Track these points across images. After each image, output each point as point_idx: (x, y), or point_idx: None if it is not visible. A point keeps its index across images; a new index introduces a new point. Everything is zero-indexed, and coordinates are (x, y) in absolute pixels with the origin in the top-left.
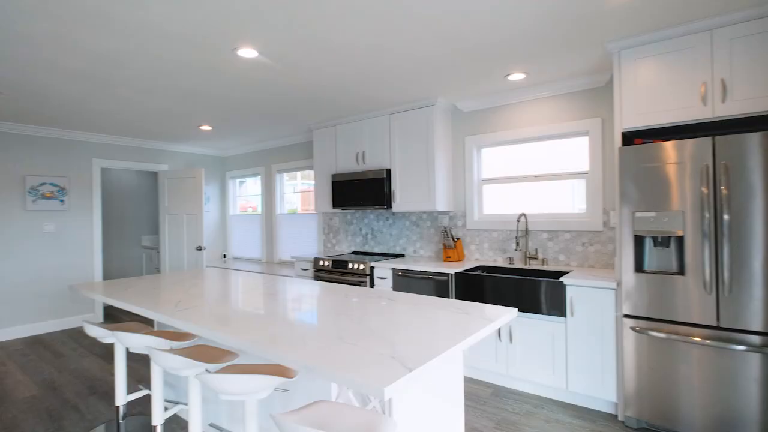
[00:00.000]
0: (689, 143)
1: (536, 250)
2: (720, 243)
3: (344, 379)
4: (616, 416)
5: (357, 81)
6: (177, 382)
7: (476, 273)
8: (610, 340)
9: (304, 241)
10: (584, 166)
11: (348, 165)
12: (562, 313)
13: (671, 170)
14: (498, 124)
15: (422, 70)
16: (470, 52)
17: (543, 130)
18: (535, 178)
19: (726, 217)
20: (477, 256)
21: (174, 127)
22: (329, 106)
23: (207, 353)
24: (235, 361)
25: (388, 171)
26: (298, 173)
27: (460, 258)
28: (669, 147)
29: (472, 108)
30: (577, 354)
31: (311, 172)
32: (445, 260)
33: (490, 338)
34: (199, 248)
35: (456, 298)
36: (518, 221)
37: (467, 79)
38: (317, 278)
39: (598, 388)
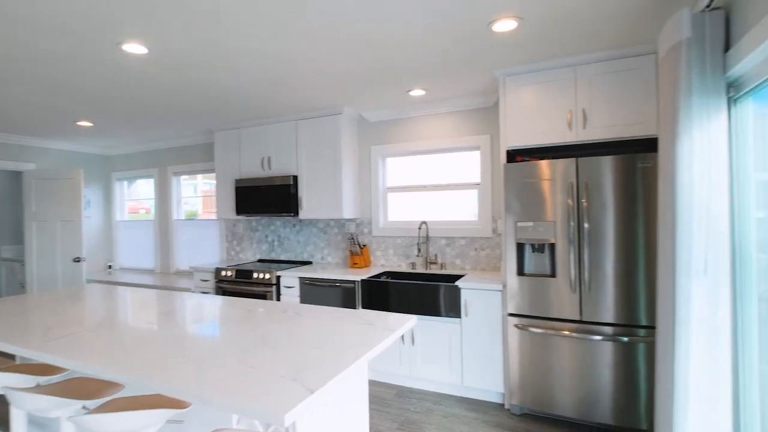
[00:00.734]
0: (559, 163)
1: (436, 255)
2: (582, 248)
3: (243, 410)
4: (503, 405)
5: (260, 86)
6: (47, 421)
7: (381, 279)
8: (498, 337)
9: (206, 249)
10: (477, 177)
11: (253, 170)
12: (458, 315)
13: (546, 186)
14: (401, 136)
15: (327, 80)
16: (373, 68)
17: (441, 143)
18: (435, 187)
19: (586, 225)
20: (383, 261)
21: (45, 121)
22: (231, 109)
23: (85, 387)
24: (120, 394)
25: (295, 177)
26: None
27: (367, 264)
28: (544, 165)
29: (378, 118)
30: (471, 351)
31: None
32: (352, 267)
33: (394, 342)
34: (78, 260)
35: (363, 305)
36: (420, 228)
37: (372, 92)
38: (219, 290)
39: (489, 381)
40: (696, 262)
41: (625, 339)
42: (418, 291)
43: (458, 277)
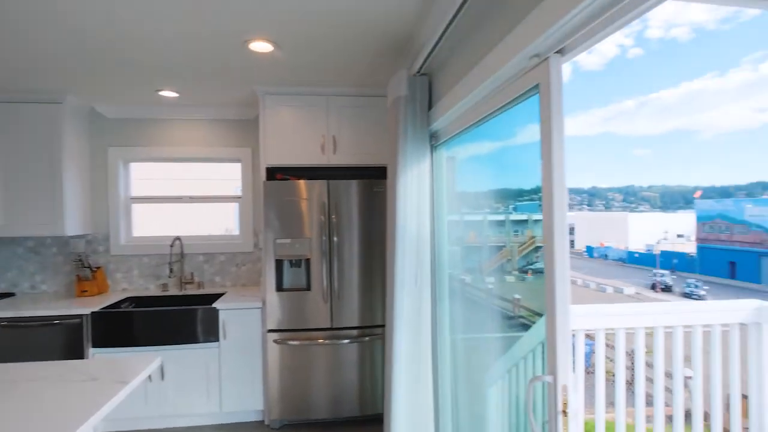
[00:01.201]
0: (315, 183)
1: (192, 273)
2: (332, 261)
3: None
4: (263, 422)
5: None
6: None
7: (122, 309)
8: (259, 355)
9: None
10: (238, 190)
11: None
12: (217, 338)
13: (303, 204)
14: (150, 138)
15: (38, 57)
16: (108, 56)
17: (198, 151)
18: (191, 199)
19: (335, 239)
20: (124, 285)
21: None
22: None
23: None
24: None
25: None
26: None
27: (102, 290)
28: (301, 185)
29: (118, 115)
30: (231, 374)
31: None
32: (80, 295)
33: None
34: None
35: (96, 344)
36: (172, 245)
37: (107, 83)
38: None
39: (249, 402)
40: (409, 272)
41: (367, 338)
42: (170, 317)
43: (217, 296)
